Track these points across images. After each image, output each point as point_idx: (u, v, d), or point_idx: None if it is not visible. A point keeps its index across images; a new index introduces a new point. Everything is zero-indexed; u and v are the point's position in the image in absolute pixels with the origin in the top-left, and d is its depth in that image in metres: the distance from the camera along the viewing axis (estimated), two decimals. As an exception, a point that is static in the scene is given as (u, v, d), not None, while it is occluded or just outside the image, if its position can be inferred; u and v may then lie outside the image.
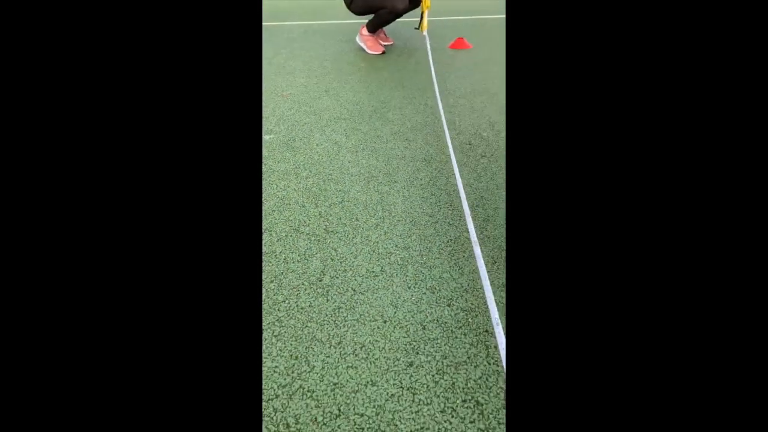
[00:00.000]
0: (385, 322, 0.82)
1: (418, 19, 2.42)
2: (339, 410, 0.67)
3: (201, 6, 0.37)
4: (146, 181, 0.36)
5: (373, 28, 2.42)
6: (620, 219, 0.35)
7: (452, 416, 0.66)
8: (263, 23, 3.39)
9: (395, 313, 0.84)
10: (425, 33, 2.40)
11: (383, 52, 2.50)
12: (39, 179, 0.35)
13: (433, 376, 0.72)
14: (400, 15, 2.25)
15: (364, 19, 2.49)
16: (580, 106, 0.37)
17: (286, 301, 0.87)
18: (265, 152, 1.47)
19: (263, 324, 0.82)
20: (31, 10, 0.35)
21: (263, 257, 0.99)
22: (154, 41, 0.36)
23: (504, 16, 3.50)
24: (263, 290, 0.90)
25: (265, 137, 1.55)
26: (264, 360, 0.75)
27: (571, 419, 0.34)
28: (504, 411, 0.66)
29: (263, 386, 0.71)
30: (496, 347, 0.76)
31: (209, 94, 0.37)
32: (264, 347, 0.78)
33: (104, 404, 0.34)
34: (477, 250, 0.91)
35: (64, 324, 0.34)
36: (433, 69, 2.15)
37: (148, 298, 0.36)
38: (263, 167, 1.37)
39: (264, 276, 0.94)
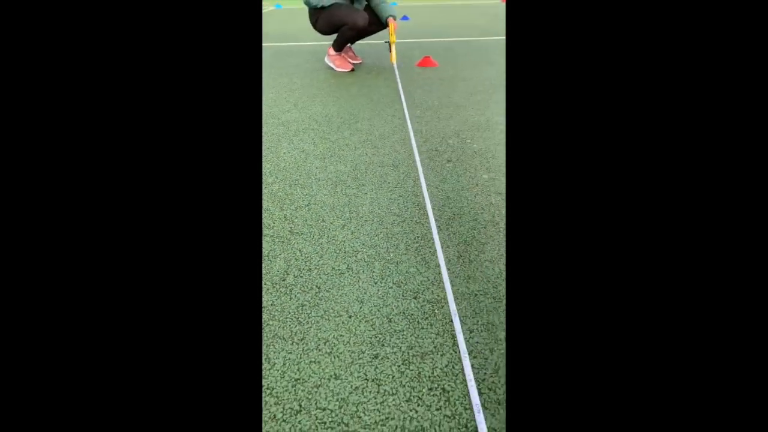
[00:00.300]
0: (350, 317, 0.80)
1: (385, 39, 2.52)
2: (300, 406, 0.64)
3: (205, 28, 0.38)
4: (151, 194, 0.36)
5: (339, 46, 2.48)
6: (616, 223, 0.35)
7: (418, 405, 0.63)
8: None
9: (361, 308, 0.82)
10: (395, 63, 2.49)
11: (352, 70, 2.56)
12: (38, 178, 0.34)
13: (398, 366, 0.69)
14: (361, 31, 2.33)
15: (332, 41, 2.55)
16: (577, 111, 0.37)
17: (247, 301, 0.84)
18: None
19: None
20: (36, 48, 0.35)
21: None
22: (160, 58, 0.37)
23: (467, 39, 3.68)
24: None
25: None
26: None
27: (568, 421, 0.34)
28: (470, 397, 0.64)
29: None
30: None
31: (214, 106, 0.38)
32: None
33: (103, 403, 0.34)
34: (438, 246, 0.91)
35: (64, 324, 0.34)
36: (399, 81, 2.21)
37: (148, 299, 0.35)
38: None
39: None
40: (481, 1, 7.40)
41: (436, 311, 0.80)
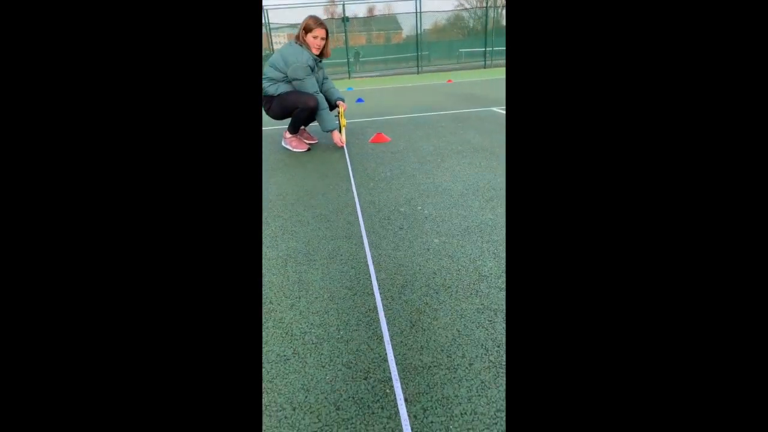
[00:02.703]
0: (294, 409, 0.72)
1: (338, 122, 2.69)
2: None
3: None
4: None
5: (294, 129, 2.61)
6: (614, 230, 0.35)
7: None
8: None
9: (306, 397, 0.75)
10: (344, 146, 2.64)
11: (308, 149, 2.67)
12: (39, 179, 0.35)
13: (346, 464, 0.62)
14: (313, 111, 2.47)
15: (285, 125, 2.70)
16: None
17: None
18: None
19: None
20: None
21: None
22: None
23: (417, 115, 3.98)
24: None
25: None
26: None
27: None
28: (426, 491, 0.57)
29: None
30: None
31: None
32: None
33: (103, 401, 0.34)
34: (382, 318, 0.87)
35: (66, 324, 0.34)
36: (348, 158, 2.31)
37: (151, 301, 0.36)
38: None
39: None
40: (431, 82, 8.21)
41: (387, 391, 0.74)
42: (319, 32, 2.34)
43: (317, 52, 2.40)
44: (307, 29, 2.33)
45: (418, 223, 1.47)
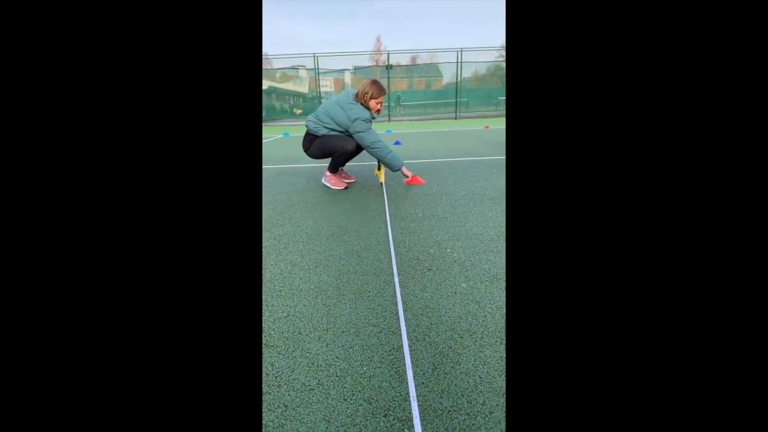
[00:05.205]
0: (314, 439, 0.74)
1: (376, 162, 2.83)
2: None
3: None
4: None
5: (333, 168, 2.76)
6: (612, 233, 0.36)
7: None
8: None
9: (326, 428, 0.77)
10: (383, 183, 2.77)
11: (346, 188, 2.80)
12: (41, 184, 0.35)
13: (360, 500, 0.62)
14: (352, 154, 2.63)
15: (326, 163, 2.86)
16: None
17: (207, 423, 0.79)
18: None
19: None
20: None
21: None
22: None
23: (452, 159, 4.07)
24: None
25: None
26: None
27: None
28: None
29: None
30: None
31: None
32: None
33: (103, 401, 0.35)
34: (407, 358, 0.89)
35: (74, 329, 0.35)
36: (386, 196, 2.39)
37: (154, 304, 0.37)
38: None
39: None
40: (468, 127, 8.39)
41: (406, 431, 0.75)
42: (382, 98, 2.64)
43: (374, 112, 2.65)
44: (372, 96, 2.58)
45: (447, 266, 1.49)
